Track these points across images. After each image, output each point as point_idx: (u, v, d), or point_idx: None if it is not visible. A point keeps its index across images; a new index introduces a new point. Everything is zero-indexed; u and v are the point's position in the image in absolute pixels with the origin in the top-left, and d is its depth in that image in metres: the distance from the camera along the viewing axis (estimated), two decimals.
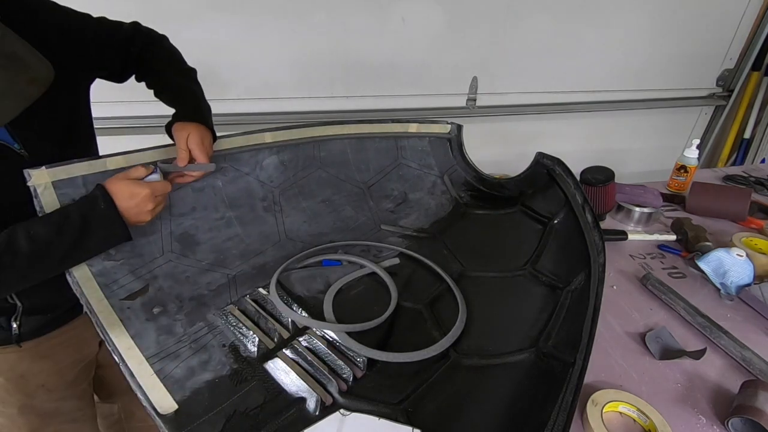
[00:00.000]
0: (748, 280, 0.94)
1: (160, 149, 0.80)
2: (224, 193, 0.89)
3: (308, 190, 0.99)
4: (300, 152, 0.99)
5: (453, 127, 1.12)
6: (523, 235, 0.98)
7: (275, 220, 0.93)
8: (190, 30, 1.43)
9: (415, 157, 1.12)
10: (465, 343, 0.74)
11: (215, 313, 0.75)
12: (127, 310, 0.68)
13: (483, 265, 0.92)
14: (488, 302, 0.83)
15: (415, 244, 0.98)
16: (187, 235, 0.82)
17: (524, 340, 0.73)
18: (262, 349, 0.69)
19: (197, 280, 0.78)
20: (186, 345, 0.69)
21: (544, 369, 0.67)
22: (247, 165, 0.92)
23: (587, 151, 2.08)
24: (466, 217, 1.06)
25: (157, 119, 1.52)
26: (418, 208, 1.07)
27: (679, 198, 1.33)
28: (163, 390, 0.62)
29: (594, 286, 0.72)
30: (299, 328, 0.73)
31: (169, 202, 0.80)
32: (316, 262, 0.88)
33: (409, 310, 0.81)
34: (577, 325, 0.68)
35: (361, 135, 1.06)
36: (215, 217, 0.86)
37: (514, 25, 1.68)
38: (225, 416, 0.60)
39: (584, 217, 0.87)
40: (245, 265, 0.84)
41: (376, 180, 1.07)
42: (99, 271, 0.69)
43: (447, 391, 0.66)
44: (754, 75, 2.05)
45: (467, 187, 1.12)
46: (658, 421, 0.65)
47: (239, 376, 0.66)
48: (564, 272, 0.83)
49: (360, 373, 0.68)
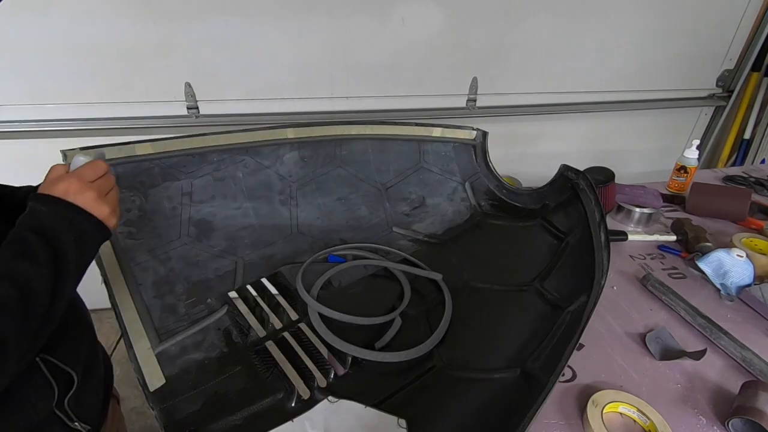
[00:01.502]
0: (748, 281, 0.94)
1: (192, 137, 0.85)
2: (244, 184, 0.91)
3: (326, 187, 0.99)
4: (321, 149, 1.00)
5: (478, 133, 1.11)
6: (538, 249, 0.95)
7: (290, 213, 0.94)
8: (190, 30, 1.43)
9: (438, 162, 1.10)
10: (453, 354, 0.73)
11: (217, 297, 0.77)
12: (139, 287, 0.72)
13: (490, 277, 0.90)
14: (487, 315, 0.81)
15: (424, 249, 0.97)
16: (204, 222, 0.85)
17: (513, 358, 0.71)
18: (252, 336, 0.71)
19: (207, 264, 0.81)
20: (184, 324, 0.71)
21: (523, 390, 0.65)
22: (268, 158, 0.94)
23: (587, 151, 2.08)
24: (482, 227, 1.04)
25: (158, 119, 1.53)
26: (435, 213, 1.05)
27: (679, 198, 1.33)
28: (156, 366, 0.65)
29: (589, 309, 0.69)
30: (292, 320, 0.75)
31: (190, 189, 0.85)
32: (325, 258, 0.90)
33: (406, 315, 0.80)
34: (565, 347, 0.65)
35: (384, 136, 1.06)
36: (233, 206, 0.89)
37: (514, 26, 1.68)
38: (205, 396, 0.63)
39: (598, 236, 0.83)
40: (254, 254, 0.86)
41: (395, 182, 1.06)
42: (121, 248, 0.73)
43: (425, 399, 0.65)
44: (754, 75, 2.05)
45: (489, 196, 1.10)
46: (658, 421, 0.65)
47: (227, 359, 0.68)
48: (568, 291, 0.81)
49: (342, 371, 0.69)
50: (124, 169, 0.80)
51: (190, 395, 0.62)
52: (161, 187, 0.83)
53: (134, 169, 0.81)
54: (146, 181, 0.82)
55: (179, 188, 0.85)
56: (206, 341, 0.70)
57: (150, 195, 0.82)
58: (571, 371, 0.75)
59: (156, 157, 0.84)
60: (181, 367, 0.66)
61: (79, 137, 1.46)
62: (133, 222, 0.78)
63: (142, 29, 1.39)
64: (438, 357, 0.72)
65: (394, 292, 0.84)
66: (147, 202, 0.81)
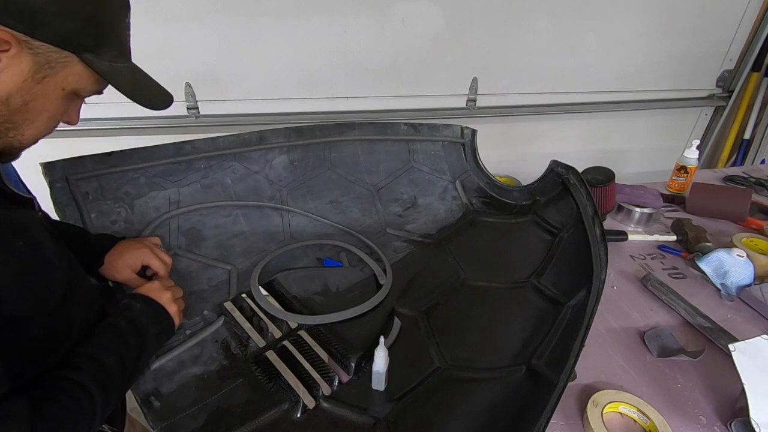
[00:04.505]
0: (748, 281, 0.94)
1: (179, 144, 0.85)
2: (233, 190, 0.90)
3: (316, 191, 0.99)
4: (310, 152, 0.99)
5: (467, 131, 1.11)
6: (532, 245, 0.95)
7: (281, 219, 0.93)
8: (191, 31, 1.43)
9: (428, 161, 1.10)
10: (456, 354, 0.72)
11: (213, 308, 0.75)
12: None
13: (486, 275, 0.90)
14: (487, 313, 0.81)
15: (420, 249, 0.96)
16: (194, 231, 0.84)
17: (517, 355, 0.71)
18: (252, 347, 0.70)
19: (199, 275, 0.80)
20: (180, 338, 0.69)
21: (531, 388, 0.65)
22: (257, 163, 0.93)
23: (587, 151, 2.08)
24: (475, 225, 1.04)
25: (158, 119, 1.53)
26: (427, 213, 1.05)
27: (680, 198, 1.32)
28: (152, 383, 0.63)
29: (591, 305, 0.69)
30: (291, 329, 0.74)
31: (178, 198, 0.83)
32: (312, 259, 0.88)
33: (405, 317, 0.79)
34: (570, 343, 0.65)
35: (373, 137, 1.05)
36: (222, 213, 0.88)
37: (514, 26, 1.68)
38: (208, 411, 0.61)
39: (593, 230, 0.84)
40: (247, 262, 0.85)
41: (386, 183, 1.06)
42: None
43: (432, 402, 0.65)
44: (754, 76, 2.05)
45: (479, 193, 1.10)
46: (658, 421, 0.65)
47: (227, 372, 0.66)
48: (567, 287, 0.81)
49: (346, 377, 0.68)
50: (108, 180, 0.79)
51: (191, 411, 0.60)
52: (147, 197, 0.82)
53: (118, 180, 0.80)
54: (131, 191, 0.81)
55: (166, 197, 0.83)
56: (204, 354, 0.68)
57: (136, 206, 0.80)
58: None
59: (141, 166, 0.82)
60: (180, 383, 0.64)
61: (80, 137, 1.45)
62: (120, 234, 0.76)
63: (142, 30, 1.37)
64: (441, 358, 0.71)
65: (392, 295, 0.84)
66: (133, 213, 0.80)
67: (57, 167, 0.75)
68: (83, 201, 0.76)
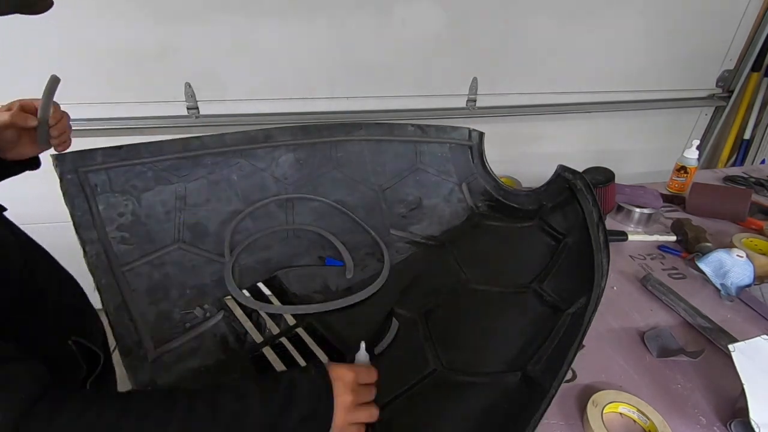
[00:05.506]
0: (748, 281, 0.94)
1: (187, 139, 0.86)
2: (239, 187, 0.90)
3: (322, 190, 0.99)
4: (317, 152, 0.99)
5: (475, 134, 1.11)
6: (536, 250, 0.94)
7: (285, 217, 0.93)
8: (191, 31, 1.43)
9: (434, 163, 1.10)
10: (453, 357, 0.72)
11: (213, 302, 0.76)
12: (132, 293, 0.71)
13: (488, 279, 0.89)
14: (486, 317, 0.80)
15: (422, 251, 0.96)
16: (199, 225, 0.84)
17: (514, 361, 0.70)
18: (250, 342, 0.70)
19: (202, 269, 0.80)
20: (180, 331, 0.70)
21: (524, 394, 0.64)
22: (263, 161, 0.94)
23: (587, 151, 2.08)
24: (480, 228, 1.03)
25: (158, 119, 1.53)
26: (432, 214, 1.04)
27: (679, 199, 1.33)
28: (149, 374, 0.64)
29: (589, 313, 0.67)
30: (290, 325, 0.75)
31: (184, 193, 0.84)
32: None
33: (403, 318, 0.79)
34: (567, 351, 0.64)
35: (380, 138, 1.06)
36: (228, 209, 0.88)
37: (514, 26, 1.68)
38: None
39: (597, 237, 0.83)
40: (250, 258, 0.85)
41: (392, 184, 1.05)
42: (114, 253, 0.72)
43: (426, 405, 0.64)
44: (753, 76, 2.05)
45: (485, 196, 1.09)
46: (658, 422, 0.65)
47: (224, 367, 0.66)
48: (568, 293, 0.80)
49: None
50: (116, 174, 0.80)
51: None
52: (155, 191, 0.82)
53: (127, 173, 0.81)
54: (139, 185, 0.81)
55: (173, 192, 0.84)
56: (203, 348, 0.69)
57: (143, 199, 0.81)
58: (571, 371, 0.75)
59: (149, 160, 0.83)
60: (177, 375, 0.64)
61: (80, 138, 1.45)
62: (126, 227, 0.77)
63: (142, 30, 1.39)
64: (437, 361, 0.71)
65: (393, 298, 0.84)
66: (140, 207, 0.80)
67: (68, 159, 0.76)
68: (91, 193, 0.77)
